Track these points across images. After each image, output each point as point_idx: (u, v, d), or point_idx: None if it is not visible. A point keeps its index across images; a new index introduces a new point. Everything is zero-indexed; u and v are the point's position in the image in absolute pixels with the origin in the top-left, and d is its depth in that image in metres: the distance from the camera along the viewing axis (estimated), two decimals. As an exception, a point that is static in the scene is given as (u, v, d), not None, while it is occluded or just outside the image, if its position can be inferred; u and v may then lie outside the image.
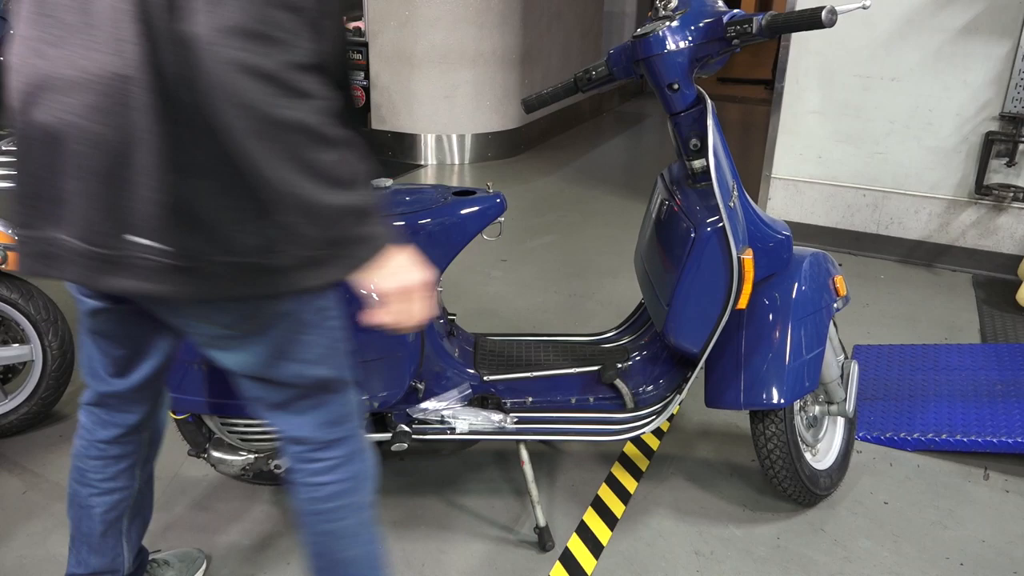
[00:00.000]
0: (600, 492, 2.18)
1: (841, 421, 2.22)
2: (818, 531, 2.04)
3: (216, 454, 1.88)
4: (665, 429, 2.47)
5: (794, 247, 1.95)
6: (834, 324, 2.07)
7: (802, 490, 2.04)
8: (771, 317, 1.89)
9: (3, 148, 2.04)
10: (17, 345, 2.28)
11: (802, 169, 3.98)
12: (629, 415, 1.95)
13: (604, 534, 2.02)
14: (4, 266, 2.15)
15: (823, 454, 2.16)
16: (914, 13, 3.54)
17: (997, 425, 2.37)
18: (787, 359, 1.86)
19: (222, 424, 1.84)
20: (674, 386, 1.98)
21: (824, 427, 2.19)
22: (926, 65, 3.58)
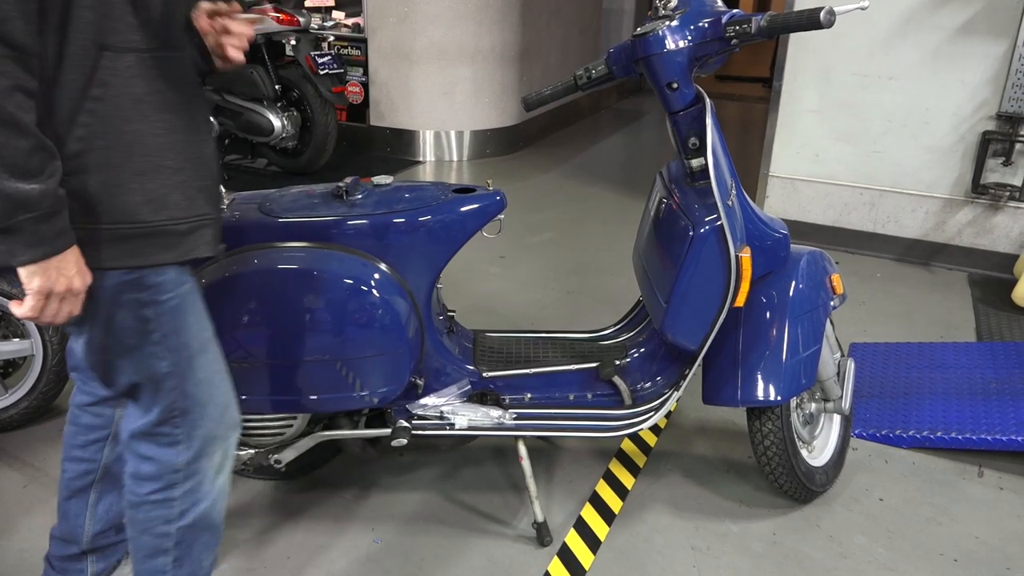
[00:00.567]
0: (598, 488, 2.19)
1: (837, 418, 2.23)
2: (814, 527, 2.06)
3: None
4: (662, 426, 2.49)
5: (791, 245, 1.97)
6: (831, 322, 2.08)
7: (798, 487, 2.05)
8: (768, 315, 1.90)
9: None
10: (17, 340, 2.29)
11: (799, 167, 3.99)
12: (627, 412, 1.96)
13: (602, 529, 2.04)
14: None
15: (819, 451, 2.18)
16: (912, 12, 3.55)
17: (991, 423, 2.38)
18: (784, 356, 1.88)
19: (223, 419, 1.84)
20: (672, 383, 2.00)
21: (820, 424, 2.21)
22: (924, 64, 3.59)
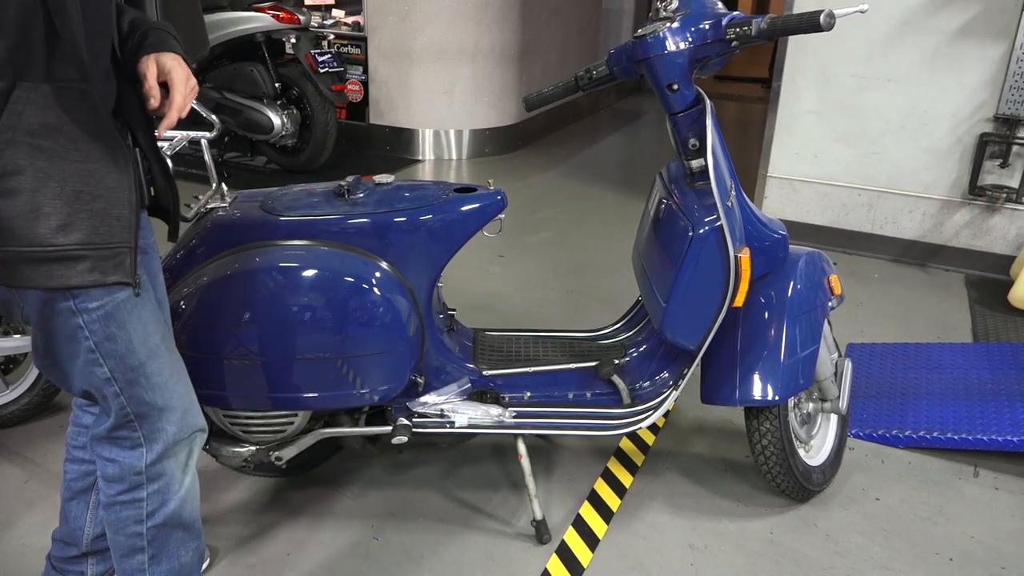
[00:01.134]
0: (596, 486, 2.20)
1: (834, 418, 2.24)
2: (811, 526, 2.07)
3: (218, 445, 1.89)
4: (661, 425, 2.50)
5: (790, 246, 1.98)
6: (828, 322, 2.10)
7: (795, 486, 2.06)
8: (767, 315, 1.91)
9: None
10: (18, 336, 2.29)
11: (798, 168, 4.00)
12: (626, 410, 1.97)
13: (600, 527, 2.05)
14: None
15: (816, 451, 2.19)
16: (911, 14, 3.56)
17: (987, 423, 2.40)
18: (782, 356, 1.89)
19: (224, 416, 1.85)
20: (670, 382, 2.01)
21: (817, 424, 2.22)
22: (922, 66, 3.61)
